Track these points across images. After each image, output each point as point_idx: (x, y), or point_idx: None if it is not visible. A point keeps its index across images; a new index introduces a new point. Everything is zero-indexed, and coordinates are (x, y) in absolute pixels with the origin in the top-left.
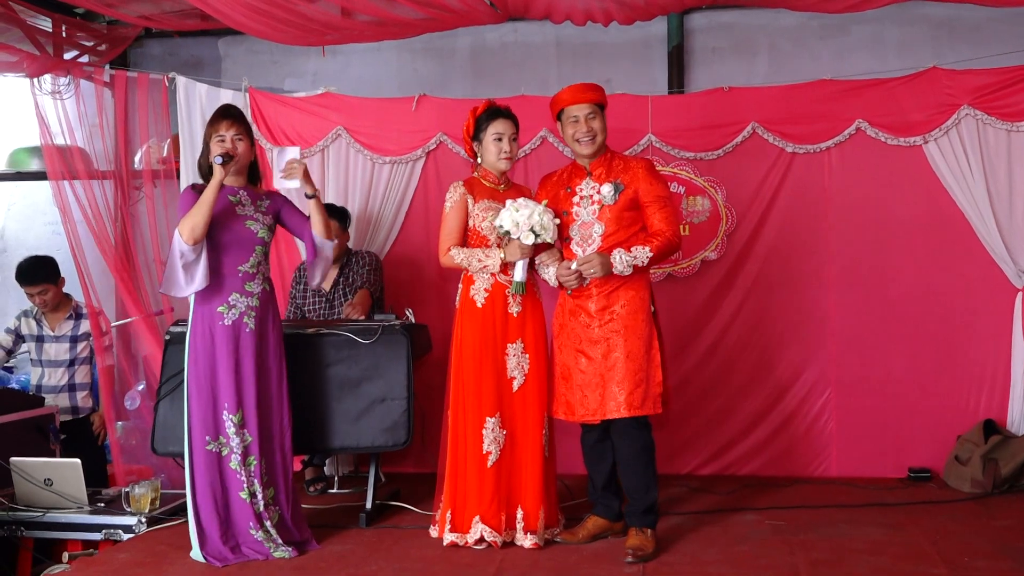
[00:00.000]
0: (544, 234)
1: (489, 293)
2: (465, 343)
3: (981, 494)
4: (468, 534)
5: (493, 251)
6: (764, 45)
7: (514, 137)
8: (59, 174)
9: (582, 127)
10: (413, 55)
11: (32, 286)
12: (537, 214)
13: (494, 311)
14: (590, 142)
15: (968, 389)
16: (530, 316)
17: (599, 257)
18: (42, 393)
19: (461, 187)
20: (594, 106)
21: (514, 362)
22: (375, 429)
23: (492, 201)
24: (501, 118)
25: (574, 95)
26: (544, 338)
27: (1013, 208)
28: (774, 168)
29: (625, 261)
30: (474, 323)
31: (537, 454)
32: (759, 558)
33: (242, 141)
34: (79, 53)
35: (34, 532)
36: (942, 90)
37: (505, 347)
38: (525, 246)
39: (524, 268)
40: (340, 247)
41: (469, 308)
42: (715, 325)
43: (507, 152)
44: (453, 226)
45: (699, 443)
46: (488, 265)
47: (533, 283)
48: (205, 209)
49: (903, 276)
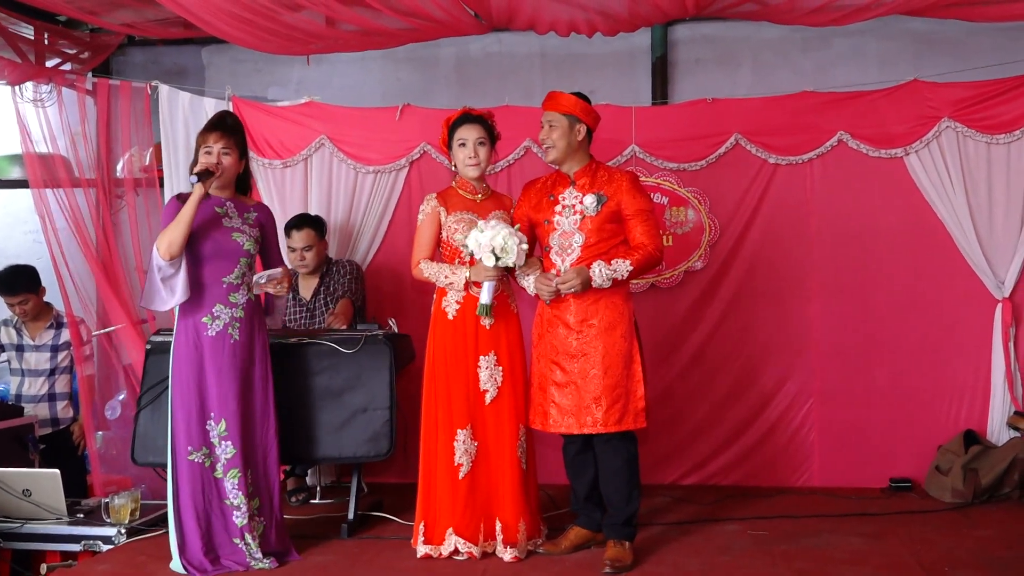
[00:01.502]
0: (505, 257)
1: (461, 305)
2: (436, 355)
3: (962, 504)
4: (442, 546)
5: (459, 269)
6: (747, 57)
7: (481, 141)
8: (40, 182)
9: (543, 132)
10: (397, 65)
11: (12, 296)
12: (501, 236)
13: (465, 323)
14: (550, 150)
15: (949, 400)
16: (504, 328)
17: (577, 272)
18: (22, 403)
19: (434, 199)
20: (556, 115)
21: (486, 375)
22: (357, 439)
23: (467, 213)
24: (466, 124)
25: (549, 99)
26: (519, 350)
27: (993, 220)
28: (757, 179)
29: (605, 275)
30: (445, 335)
31: (513, 467)
32: (741, 568)
33: (229, 155)
34: (61, 61)
35: (12, 543)
36: (923, 103)
37: (477, 359)
38: (487, 268)
39: (491, 291)
40: (319, 256)
41: (441, 320)
42: (698, 335)
43: (472, 157)
44: (425, 239)
45: (682, 453)
46: (454, 283)
47: (508, 295)
48: (183, 226)
49: (884, 287)
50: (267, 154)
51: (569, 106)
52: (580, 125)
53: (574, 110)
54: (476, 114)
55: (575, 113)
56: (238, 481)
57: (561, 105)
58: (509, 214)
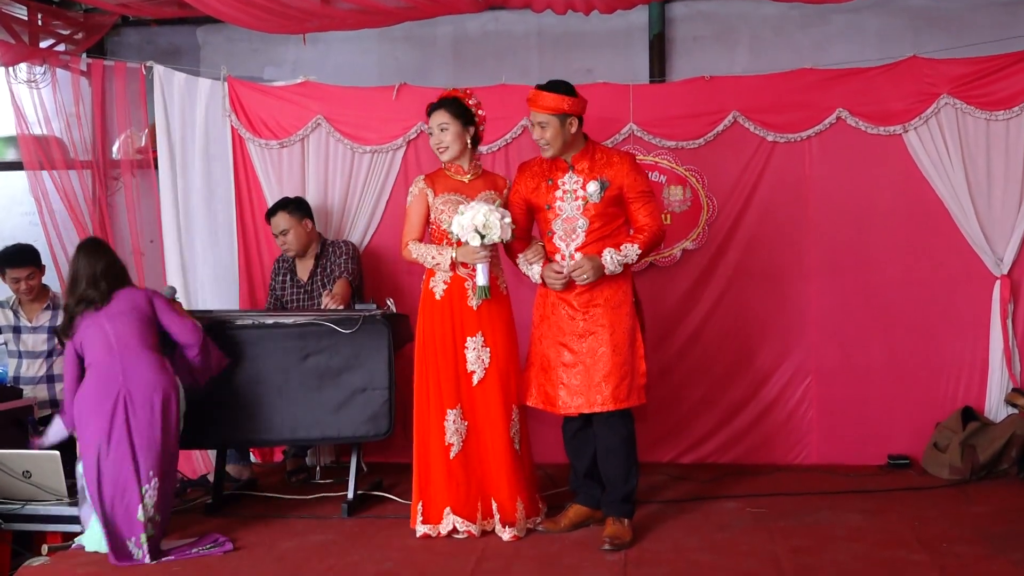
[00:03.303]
0: (490, 233)
1: (448, 286)
2: (425, 335)
3: (959, 480)
4: (440, 525)
5: (446, 249)
6: (745, 34)
7: (443, 127)
8: (36, 164)
9: (535, 132)
10: (394, 44)
11: (21, 268)
12: (481, 214)
13: (452, 304)
14: (544, 147)
15: (947, 377)
16: (491, 309)
17: (590, 261)
18: (20, 385)
19: (421, 181)
20: (544, 115)
21: (473, 356)
22: (356, 419)
23: (454, 194)
24: (433, 111)
25: (533, 101)
26: (508, 330)
27: (992, 197)
28: (755, 157)
29: (616, 261)
30: (433, 315)
31: (505, 447)
32: (740, 545)
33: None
34: (55, 41)
35: (13, 525)
36: (922, 79)
37: (464, 340)
38: (474, 248)
39: (485, 273)
40: (301, 238)
41: (429, 300)
42: (696, 314)
43: (436, 143)
44: (413, 221)
45: (680, 432)
46: (440, 263)
47: (497, 275)
48: None
49: (883, 264)
50: (263, 134)
51: (557, 106)
52: (571, 119)
53: (561, 107)
54: (443, 98)
55: (563, 111)
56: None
57: (548, 106)
58: (502, 194)
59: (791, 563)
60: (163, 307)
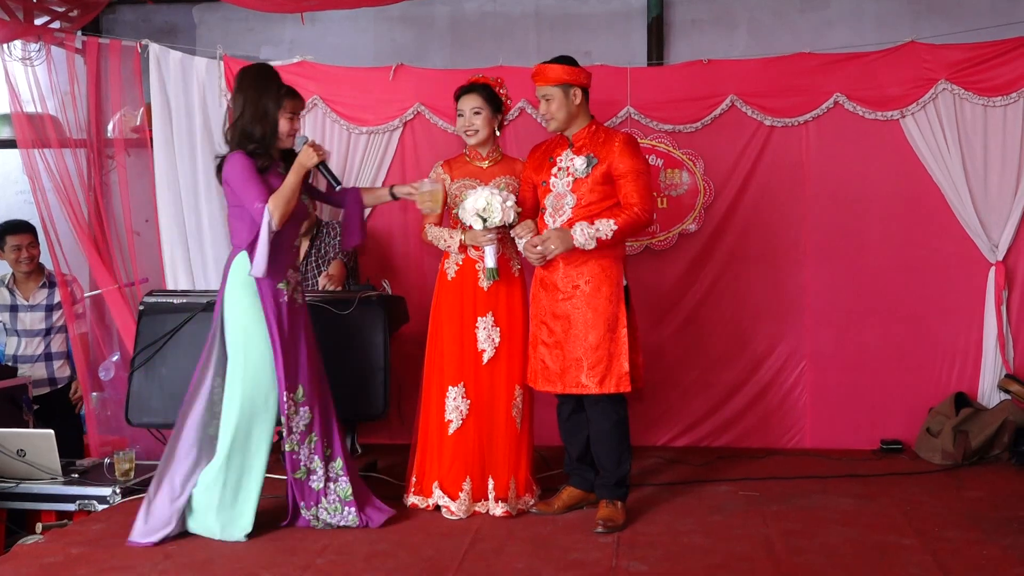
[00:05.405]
0: (491, 217)
1: (460, 267)
2: (437, 315)
3: (951, 465)
4: (430, 498)
5: (455, 233)
6: (744, 18)
7: (476, 111)
8: (30, 142)
9: (541, 106)
10: (391, 24)
11: (23, 234)
12: (483, 198)
13: (463, 285)
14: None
15: (940, 362)
16: (503, 290)
17: (557, 233)
18: (18, 363)
19: (439, 167)
20: (549, 88)
21: (484, 335)
22: (352, 400)
23: (471, 179)
24: (465, 94)
25: (538, 75)
26: (521, 312)
27: (988, 183)
28: (752, 141)
29: (587, 234)
30: (445, 295)
31: (506, 425)
32: (733, 528)
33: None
34: (50, 19)
35: (7, 503)
36: (920, 65)
37: (475, 320)
38: (479, 232)
39: (493, 255)
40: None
41: (442, 281)
42: (691, 298)
43: (466, 125)
44: None
45: (674, 415)
46: (451, 246)
47: (510, 257)
48: (295, 195)
49: (878, 249)
50: None
51: (559, 76)
52: (574, 89)
53: (565, 78)
54: (475, 83)
55: (567, 81)
56: (315, 446)
57: (551, 78)
58: (519, 179)
59: (783, 546)
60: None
